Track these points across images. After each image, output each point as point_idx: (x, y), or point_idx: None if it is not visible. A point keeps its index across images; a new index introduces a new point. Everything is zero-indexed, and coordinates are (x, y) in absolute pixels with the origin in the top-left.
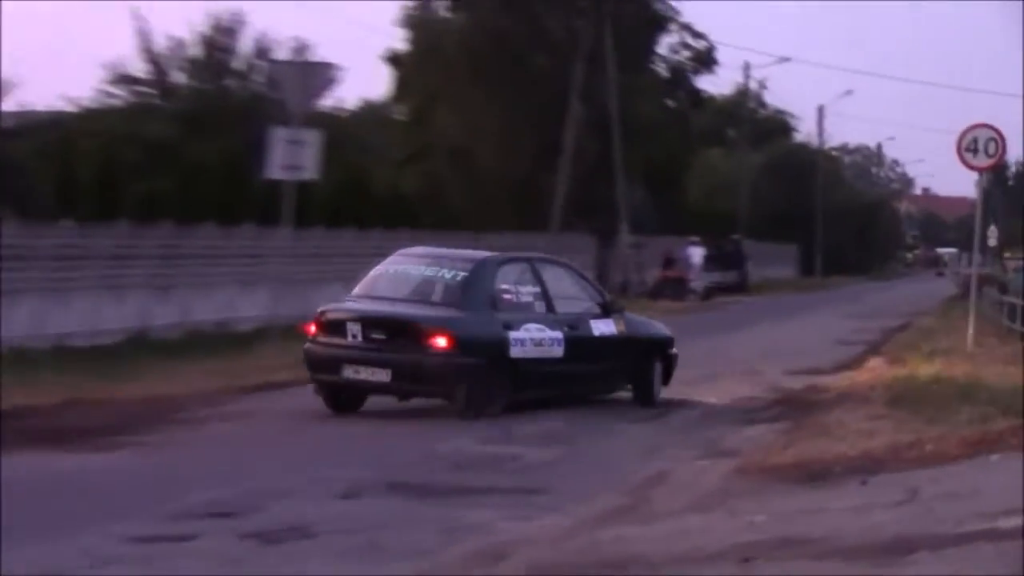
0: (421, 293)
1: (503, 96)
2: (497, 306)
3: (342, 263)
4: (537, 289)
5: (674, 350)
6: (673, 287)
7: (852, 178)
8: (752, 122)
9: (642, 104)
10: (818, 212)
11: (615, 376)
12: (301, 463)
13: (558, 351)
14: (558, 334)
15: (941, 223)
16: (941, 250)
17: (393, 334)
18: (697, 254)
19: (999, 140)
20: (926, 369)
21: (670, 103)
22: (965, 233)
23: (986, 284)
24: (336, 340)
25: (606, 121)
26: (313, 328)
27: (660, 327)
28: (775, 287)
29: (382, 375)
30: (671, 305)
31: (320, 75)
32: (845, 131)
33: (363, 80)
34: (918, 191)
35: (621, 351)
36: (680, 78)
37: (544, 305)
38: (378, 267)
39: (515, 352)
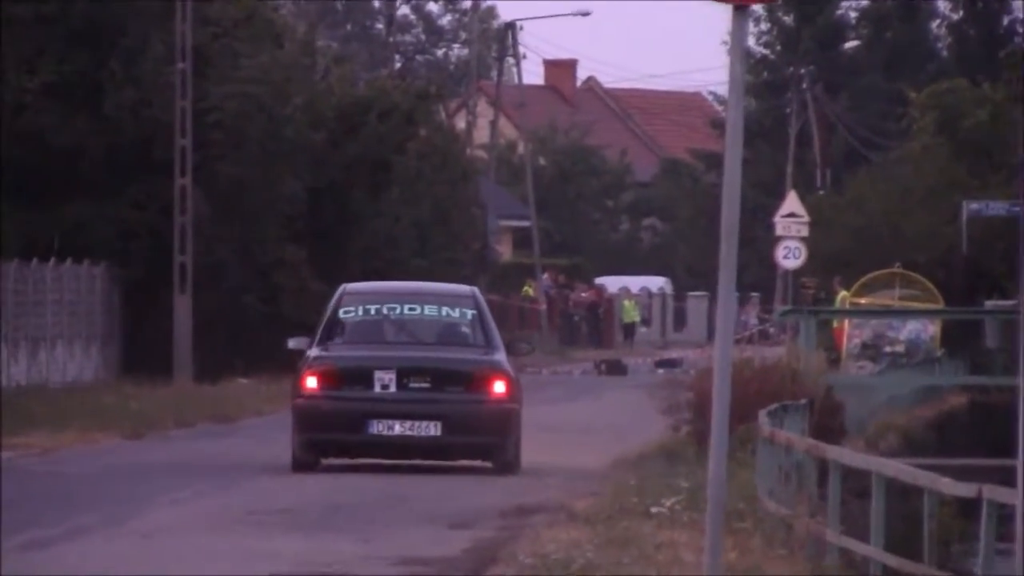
0: (435, 335)
1: None
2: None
3: None
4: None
5: None
6: None
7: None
8: None
9: None
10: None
11: None
12: None
13: None
14: None
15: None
16: (612, 282)
17: (440, 381)
18: None
19: None
20: None
21: None
22: (691, 218)
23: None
24: (357, 392)
25: None
26: (313, 381)
27: None
28: None
29: (430, 428)
30: None
31: None
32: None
33: None
34: (536, 77)
35: None
36: None
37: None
38: (342, 310)
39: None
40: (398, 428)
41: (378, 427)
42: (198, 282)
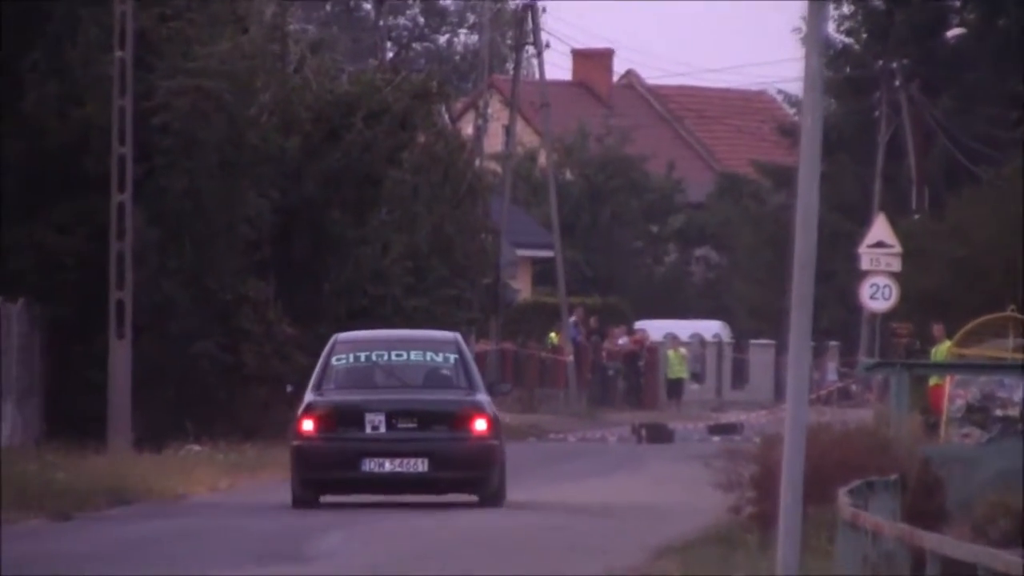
0: (421, 379)
1: None
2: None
3: None
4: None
5: None
6: None
7: None
8: None
9: None
10: None
11: None
12: None
13: None
14: None
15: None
16: (655, 327)
17: (426, 421)
18: None
19: None
20: None
21: None
22: (758, 244)
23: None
24: (351, 433)
25: None
26: (309, 424)
27: None
28: None
29: (418, 465)
30: None
31: None
32: None
33: None
34: (562, 70)
35: None
36: None
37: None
38: (335, 357)
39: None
40: (388, 465)
41: (370, 465)
42: (140, 324)
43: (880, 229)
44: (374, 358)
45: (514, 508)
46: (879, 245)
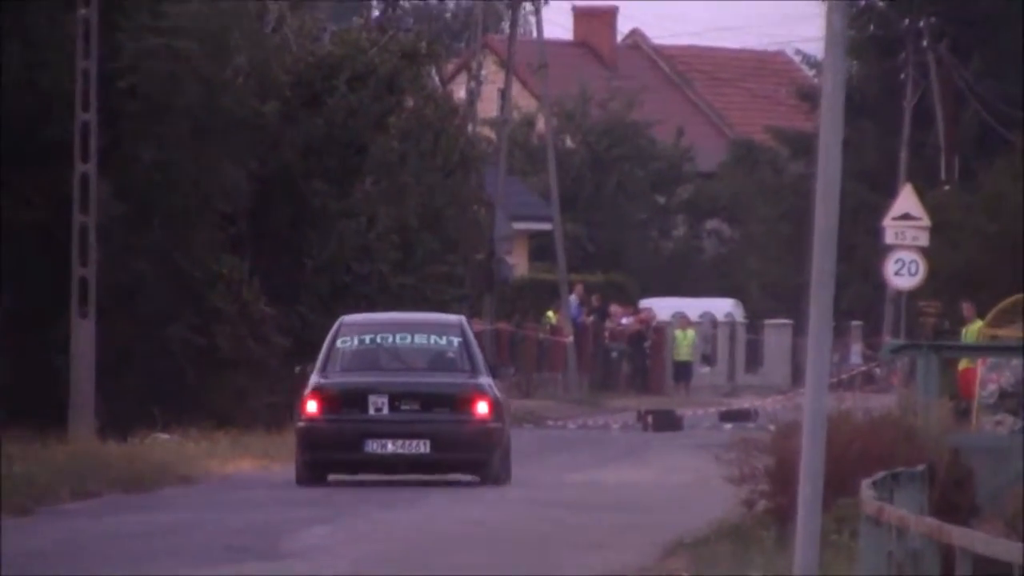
0: (424, 362)
1: None
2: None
3: None
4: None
5: None
6: None
7: None
8: None
9: None
10: None
11: None
12: None
13: None
14: None
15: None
16: (663, 306)
17: (428, 404)
18: None
19: None
20: None
21: None
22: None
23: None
24: (354, 414)
25: None
26: (314, 405)
27: None
28: None
29: (420, 446)
30: None
31: None
32: None
33: None
34: (562, 29)
35: None
36: None
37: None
38: (340, 340)
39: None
40: (391, 446)
41: (373, 446)
42: (105, 304)
43: (906, 200)
44: (379, 341)
45: (509, 500)
46: (905, 217)
